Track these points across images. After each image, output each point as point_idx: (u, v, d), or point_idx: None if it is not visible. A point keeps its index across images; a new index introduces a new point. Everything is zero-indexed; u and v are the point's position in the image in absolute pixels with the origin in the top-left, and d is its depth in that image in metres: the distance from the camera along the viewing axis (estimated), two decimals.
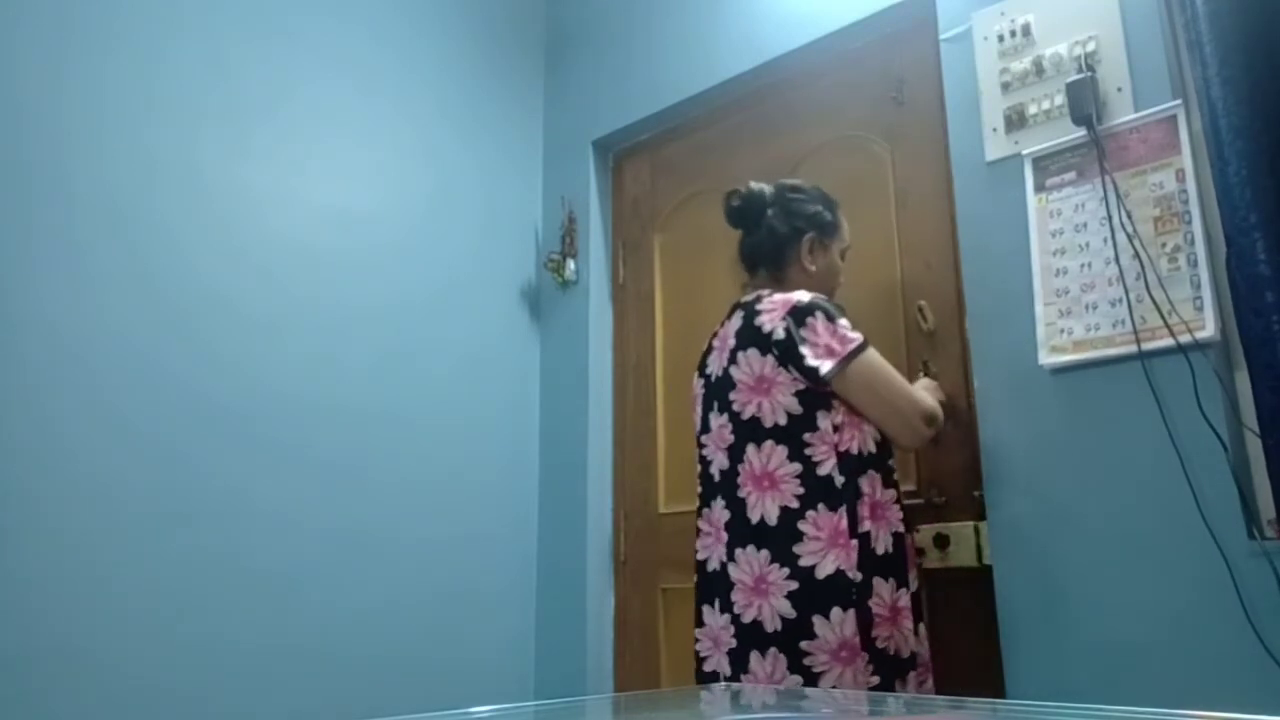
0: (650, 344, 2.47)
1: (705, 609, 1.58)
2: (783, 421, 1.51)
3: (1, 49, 1.72)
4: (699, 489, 1.65)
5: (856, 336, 1.53)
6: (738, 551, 1.51)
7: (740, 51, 2.29)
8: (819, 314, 1.53)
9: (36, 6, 1.78)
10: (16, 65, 1.74)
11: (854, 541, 1.45)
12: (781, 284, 1.66)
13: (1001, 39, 1.77)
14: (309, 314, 2.10)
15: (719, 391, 1.62)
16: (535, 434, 2.57)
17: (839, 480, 1.48)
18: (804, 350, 1.50)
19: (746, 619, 1.47)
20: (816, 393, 1.51)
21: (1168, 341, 1.48)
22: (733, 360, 1.59)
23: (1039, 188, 1.68)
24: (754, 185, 1.75)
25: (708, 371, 1.68)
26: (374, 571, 2.12)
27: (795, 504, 1.47)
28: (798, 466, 1.49)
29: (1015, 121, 1.73)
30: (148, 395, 1.81)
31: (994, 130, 1.77)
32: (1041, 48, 1.72)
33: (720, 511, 1.57)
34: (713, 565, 1.57)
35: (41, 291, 1.71)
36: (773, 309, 1.56)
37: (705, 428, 1.66)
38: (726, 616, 1.51)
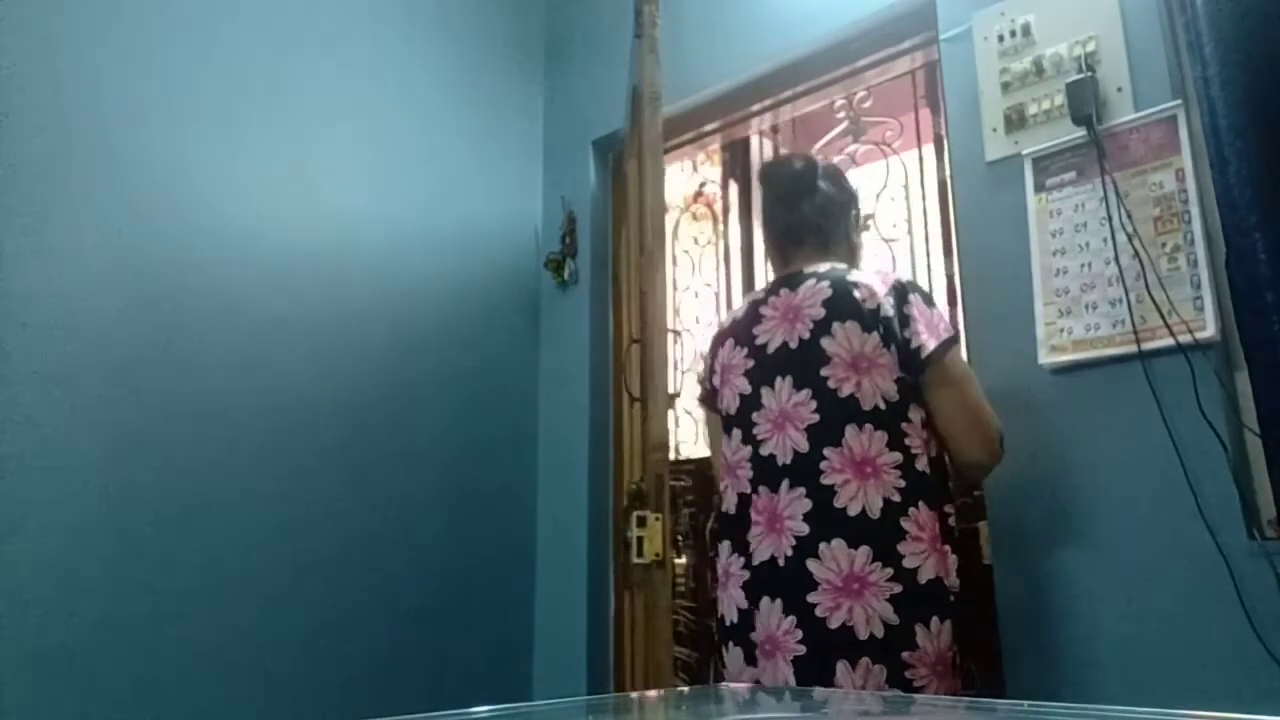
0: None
1: (757, 612, 1.39)
2: (882, 406, 1.39)
3: (4, 52, 1.72)
4: (747, 474, 1.47)
5: (952, 324, 1.46)
6: (822, 546, 1.34)
7: (740, 53, 2.29)
8: (918, 294, 1.46)
9: (41, 9, 1.77)
10: (13, 63, 1.74)
11: (947, 547, 1.37)
12: (826, 257, 1.58)
13: (1001, 39, 1.77)
14: (309, 314, 2.10)
15: (792, 364, 1.46)
16: (535, 433, 2.57)
17: (932, 478, 1.39)
18: (906, 331, 1.41)
19: (833, 623, 1.31)
20: (910, 383, 1.42)
21: (1168, 341, 1.47)
22: (824, 331, 1.44)
23: (1039, 188, 1.68)
24: (802, 155, 1.69)
25: (759, 342, 1.51)
26: (373, 571, 2.12)
27: (898, 497, 1.35)
28: (898, 456, 1.37)
29: (1015, 121, 1.73)
30: (144, 395, 1.81)
31: (994, 130, 1.77)
32: (1041, 48, 1.72)
33: (789, 498, 1.39)
34: (775, 560, 1.38)
35: (37, 290, 1.71)
36: (870, 281, 1.46)
37: (755, 404, 1.48)
38: (793, 619, 1.34)
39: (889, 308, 1.42)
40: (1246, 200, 1.34)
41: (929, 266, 2.21)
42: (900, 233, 2.29)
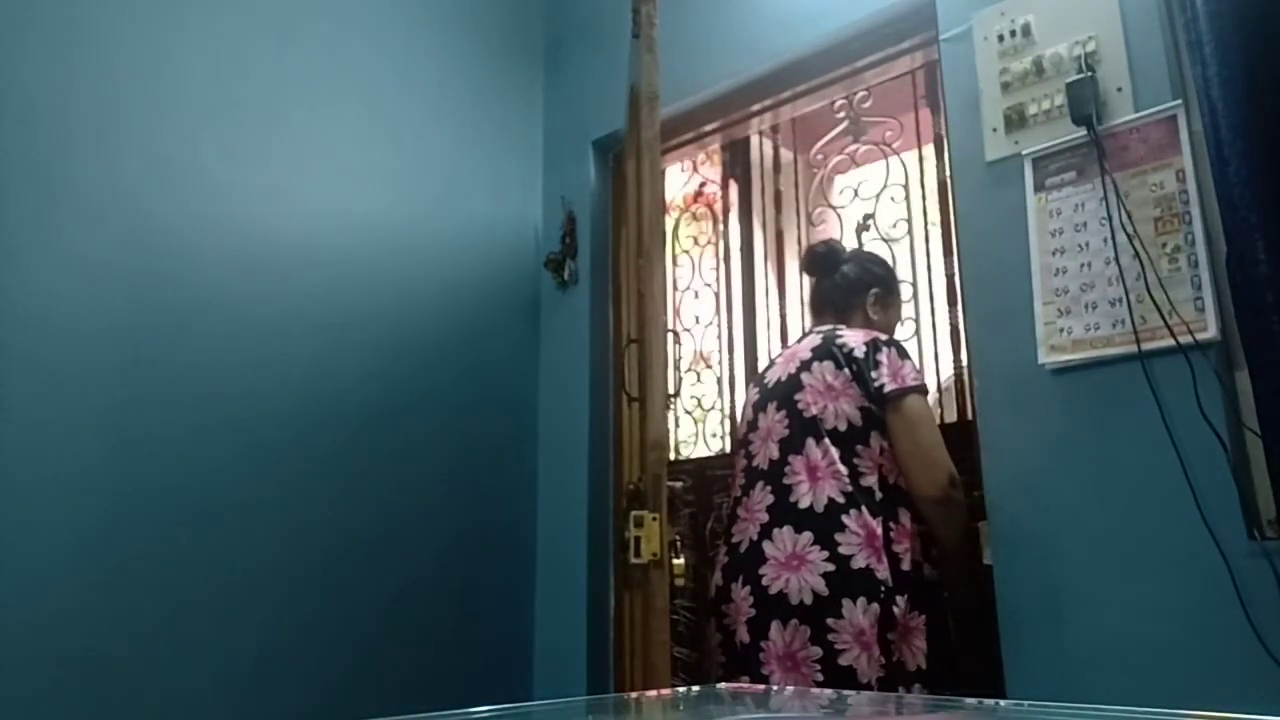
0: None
1: (733, 586, 1.70)
2: (842, 427, 1.67)
3: (9, 49, 1.72)
4: (741, 481, 1.80)
5: (920, 378, 1.72)
6: (775, 531, 1.65)
7: (740, 53, 2.29)
8: (893, 348, 1.73)
9: (44, 7, 1.77)
10: (24, 65, 1.74)
11: (884, 552, 1.58)
12: (840, 325, 1.85)
13: (1001, 39, 1.77)
14: (309, 314, 2.10)
15: (779, 393, 1.78)
16: (535, 434, 2.57)
17: (878, 495, 1.63)
18: (874, 372, 1.69)
19: (773, 590, 1.61)
20: (875, 414, 1.67)
21: (1168, 342, 1.47)
22: (805, 368, 1.75)
23: (1039, 187, 1.68)
24: (836, 241, 2.06)
25: (765, 381, 1.86)
26: (374, 571, 2.11)
27: (842, 500, 1.62)
28: (845, 469, 1.64)
29: (1015, 121, 1.73)
30: (146, 395, 1.81)
31: (994, 130, 1.76)
32: (1041, 48, 1.72)
33: (761, 495, 1.71)
34: (744, 546, 1.70)
35: (41, 289, 1.71)
36: (854, 335, 1.77)
37: (753, 427, 1.81)
38: (748, 588, 1.65)
39: (861, 353, 1.71)
40: (1246, 200, 1.34)
41: (929, 266, 2.21)
42: (900, 233, 2.29)
